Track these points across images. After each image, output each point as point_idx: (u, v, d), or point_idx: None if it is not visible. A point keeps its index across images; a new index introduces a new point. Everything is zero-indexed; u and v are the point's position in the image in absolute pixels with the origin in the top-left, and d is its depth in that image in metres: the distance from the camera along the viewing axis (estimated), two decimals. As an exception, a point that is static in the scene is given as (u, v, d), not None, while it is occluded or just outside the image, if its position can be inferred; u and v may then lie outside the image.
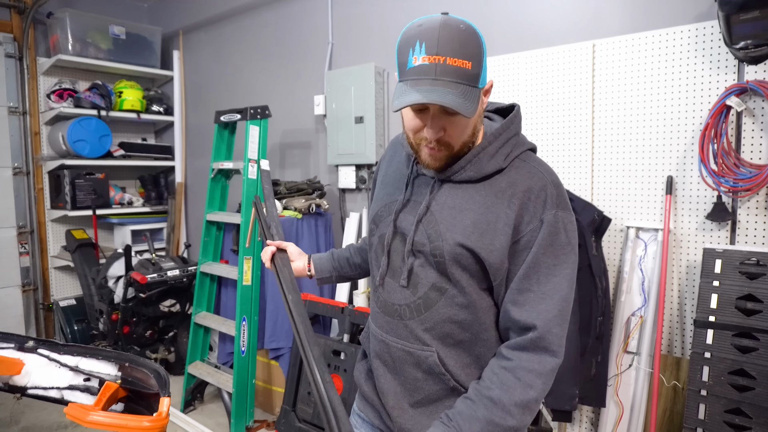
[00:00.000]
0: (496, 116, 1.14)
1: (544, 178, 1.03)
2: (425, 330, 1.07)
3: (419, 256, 1.07)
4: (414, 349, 1.09)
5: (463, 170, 1.04)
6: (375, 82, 3.00)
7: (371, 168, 3.15)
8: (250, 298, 2.94)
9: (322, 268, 1.43)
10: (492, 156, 1.03)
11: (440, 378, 1.08)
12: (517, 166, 1.05)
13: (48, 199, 4.15)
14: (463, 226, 1.02)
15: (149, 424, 1.08)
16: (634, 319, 2.19)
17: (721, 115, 1.94)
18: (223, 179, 3.30)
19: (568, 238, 1.01)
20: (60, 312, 4.06)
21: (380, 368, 1.16)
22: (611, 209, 2.26)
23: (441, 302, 1.06)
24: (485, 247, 1.00)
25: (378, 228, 1.17)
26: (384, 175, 1.24)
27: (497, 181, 1.03)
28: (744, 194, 1.93)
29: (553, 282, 0.99)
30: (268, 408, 3.24)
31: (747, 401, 1.76)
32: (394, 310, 1.12)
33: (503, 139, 1.05)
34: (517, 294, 1.00)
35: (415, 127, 1.00)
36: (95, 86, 4.03)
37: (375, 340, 1.18)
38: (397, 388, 1.13)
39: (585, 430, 2.35)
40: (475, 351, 1.08)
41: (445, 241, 1.03)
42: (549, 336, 0.98)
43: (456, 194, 1.05)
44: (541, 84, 2.41)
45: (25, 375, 1.47)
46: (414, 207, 1.09)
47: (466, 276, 1.03)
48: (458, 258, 1.02)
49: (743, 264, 1.86)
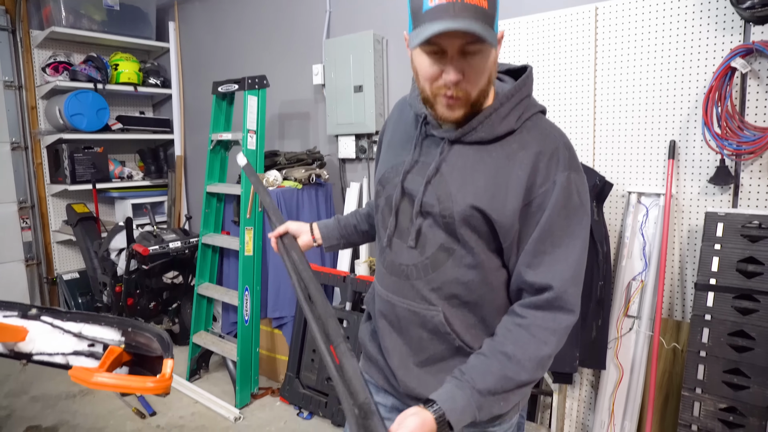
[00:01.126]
0: (507, 78, 1.11)
1: (557, 140, 1.01)
2: (432, 290, 1.07)
3: (428, 217, 1.06)
4: (420, 309, 1.09)
5: (475, 131, 1.02)
6: (374, 50, 2.95)
7: (371, 138, 3.12)
8: (252, 269, 2.96)
9: (330, 235, 1.42)
10: (504, 117, 1.02)
11: (446, 338, 1.08)
12: (528, 127, 1.03)
13: (47, 174, 4.14)
14: (475, 187, 1.01)
15: (153, 384, 1.09)
16: (634, 283, 2.20)
17: (726, 77, 1.91)
18: (222, 151, 3.28)
19: (581, 200, 1.01)
20: (64, 285, 4.09)
21: (385, 328, 1.17)
22: (613, 175, 2.25)
23: (449, 263, 1.06)
24: (497, 209, 0.99)
25: (385, 189, 1.16)
26: (391, 137, 1.22)
27: (509, 142, 1.02)
28: (747, 157, 1.91)
29: (568, 244, 0.99)
30: (273, 376, 3.29)
31: (746, 361, 1.78)
32: (401, 270, 1.11)
33: (516, 100, 1.03)
34: (532, 257, 1.00)
35: (433, 75, 0.96)
36: (90, 59, 3.97)
37: (380, 301, 1.18)
38: (402, 347, 1.14)
39: (585, 392, 2.38)
40: (481, 312, 1.08)
41: (455, 203, 1.02)
42: (565, 296, 0.98)
43: (467, 155, 1.04)
44: (542, 49, 2.37)
45: (30, 342, 1.49)
46: (422, 168, 1.08)
47: (475, 237, 1.03)
48: (469, 219, 1.01)
49: (745, 227, 1.85)
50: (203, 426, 2.79)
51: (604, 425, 2.23)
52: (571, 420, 2.42)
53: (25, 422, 2.84)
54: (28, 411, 2.96)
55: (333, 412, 2.76)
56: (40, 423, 2.83)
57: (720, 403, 1.82)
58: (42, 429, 2.77)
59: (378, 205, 1.19)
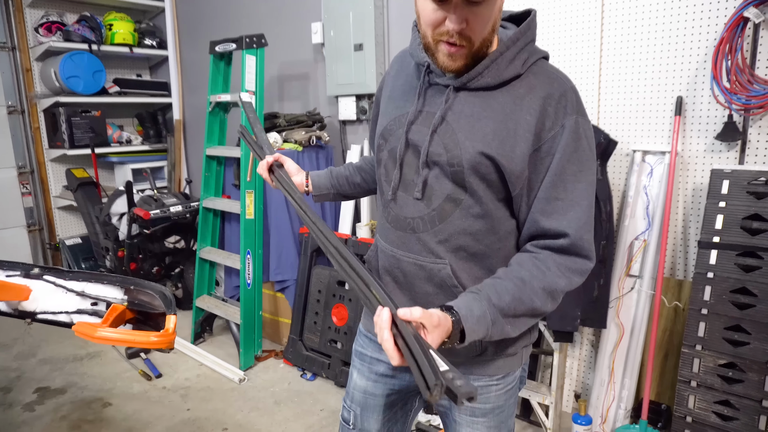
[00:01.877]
0: (510, 24, 1.08)
1: (564, 84, 0.99)
2: (439, 242, 1.06)
3: (434, 167, 1.05)
4: (426, 263, 1.08)
5: (481, 76, 0.99)
6: (374, 6, 2.86)
7: (371, 98, 3.07)
8: (253, 232, 2.96)
9: (320, 185, 1.41)
10: (510, 61, 0.99)
11: (452, 291, 1.07)
12: (535, 72, 1.01)
13: (45, 139, 4.10)
14: (483, 134, 0.99)
15: (156, 339, 1.10)
16: (637, 243, 2.19)
17: (738, 27, 1.85)
18: (221, 113, 3.24)
19: (589, 145, 0.99)
20: (67, 251, 4.11)
21: (390, 284, 1.16)
22: (618, 132, 2.21)
23: (456, 213, 1.04)
24: (506, 154, 0.98)
25: (387, 142, 1.13)
26: (391, 90, 1.18)
27: (515, 87, 1.00)
28: (756, 112, 1.87)
29: (580, 189, 0.98)
30: (276, 338, 3.33)
31: (748, 318, 1.78)
32: (407, 223, 1.10)
33: (521, 45, 1.00)
34: (545, 203, 0.98)
35: (436, 21, 0.93)
36: (84, 18, 3.88)
37: (384, 257, 1.16)
38: (407, 303, 1.12)
39: (586, 351, 2.41)
40: (488, 263, 1.07)
41: (464, 150, 1.00)
42: (581, 242, 0.97)
43: (473, 102, 1.01)
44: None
45: (33, 301, 1.49)
46: (427, 118, 1.05)
47: (483, 186, 1.01)
48: (477, 167, 1.00)
49: (751, 184, 1.83)
50: (208, 387, 2.84)
51: (604, 383, 2.26)
52: (571, 379, 2.45)
53: (34, 384, 2.89)
54: (36, 373, 3.01)
55: (336, 373, 2.80)
56: (49, 384, 2.88)
57: (720, 359, 1.83)
58: (51, 390, 2.83)
59: (380, 159, 1.16)
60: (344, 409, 1.31)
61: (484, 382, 1.13)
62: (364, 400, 1.25)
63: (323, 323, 2.90)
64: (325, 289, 2.91)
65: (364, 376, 1.26)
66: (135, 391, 2.81)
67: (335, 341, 2.85)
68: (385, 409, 1.25)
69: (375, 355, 1.25)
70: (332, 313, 2.85)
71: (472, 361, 1.11)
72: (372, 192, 1.45)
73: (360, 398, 1.26)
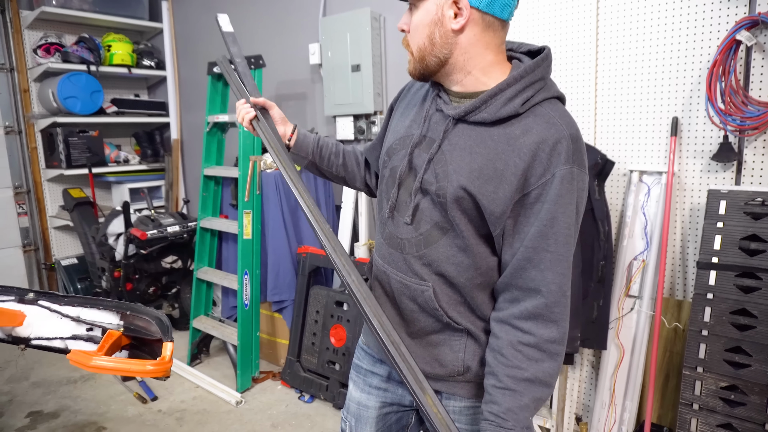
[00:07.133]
0: (527, 58, 1.06)
1: (562, 131, 0.95)
2: (423, 265, 1.08)
3: (426, 194, 1.06)
4: (411, 283, 1.09)
5: (478, 111, 0.99)
6: (371, 28, 2.89)
7: (369, 118, 3.08)
8: (251, 252, 2.94)
9: (303, 145, 1.37)
10: (509, 99, 0.97)
11: (434, 313, 1.08)
12: (536, 113, 0.98)
13: (42, 159, 4.09)
14: (470, 169, 0.99)
15: (153, 367, 1.08)
16: (636, 263, 2.19)
17: (730, 50, 1.87)
18: (219, 133, 3.24)
19: (581, 199, 0.97)
20: (62, 271, 4.07)
21: (381, 297, 1.17)
22: (614, 152, 2.22)
23: (442, 241, 1.05)
24: (487, 194, 0.97)
25: (391, 160, 1.14)
26: (406, 106, 1.20)
27: (512, 126, 0.98)
28: (751, 133, 1.88)
29: (569, 243, 0.96)
30: (274, 359, 3.29)
31: (748, 339, 1.77)
32: (398, 243, 1.11)
33: (525, 83, 0.98)
34: (533, 252, 0.96)
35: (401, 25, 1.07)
36: (82, 40, 3.91)
37: (377, 271, 1.19)
38: (395, 317, 1.15)
39: (586, 372, 2.39)
40: (469, 293, 1.07)
41: (450, 182, 1.01)
42: (564, 299, 0.97)
43: (469, 135, 1.01)
44: (543, 20, 2.32)
45: (28, 326, 1.47)
46: (429, 144, 1.07)
47: (465, 220, 1.02)
48: (459, 201, 1.00)
49: (748, 204, 1.83)
50: (205, 410, 2.80)
51: (605, 406, 2.24)
52: (572, 401, 2.42)
53: (26, 407, 2.84)
54: (29, 396, 2.97)
55: (334, 395, 2.77)
56: (42, 408, 2.84)
57: (721, 382, 1.82)
58: (43, 414, 2.78)
59: (383, 175, 1.18)
60: (342, 421, 1.33)
61: (470, 403, 1.14)
62: (358, 411, 1.27)
63: (321, 344, 2.87)
64: (323, 310, 2.89)
65: (359, 387, 1.29)
66: (130, 414, 2.77)
67: (333, 362, 2.82)
68: (377, 422, 1.26)
69: (369, 368, 1.27)
70: (330, 334, 2.83)
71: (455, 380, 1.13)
72: (342, 181, 1.45)
73: (355, 409, 1.28)
